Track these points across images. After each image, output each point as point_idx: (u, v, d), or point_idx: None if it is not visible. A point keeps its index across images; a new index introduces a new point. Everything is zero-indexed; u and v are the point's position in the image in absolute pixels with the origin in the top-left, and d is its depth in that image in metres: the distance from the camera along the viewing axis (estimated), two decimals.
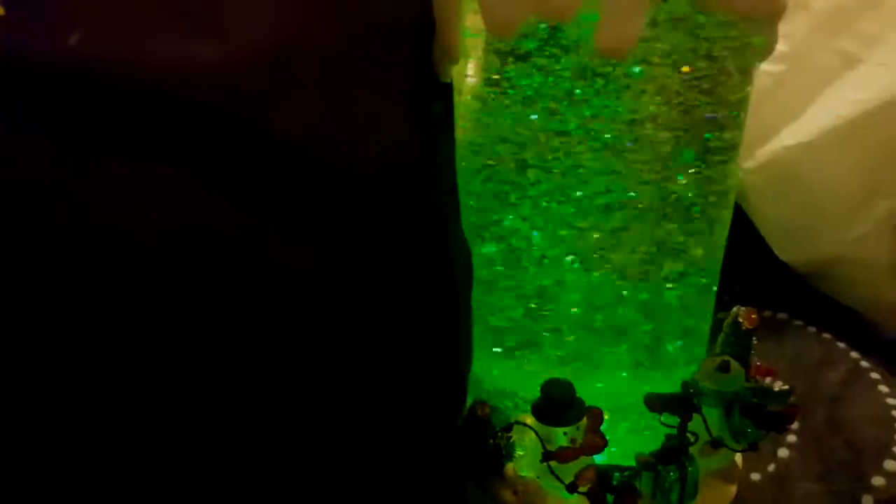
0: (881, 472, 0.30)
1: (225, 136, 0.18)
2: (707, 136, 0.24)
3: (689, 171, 0.24)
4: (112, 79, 0.17)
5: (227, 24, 0.18)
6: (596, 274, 0.26)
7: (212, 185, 0.18)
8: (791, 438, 0.32)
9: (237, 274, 0.18)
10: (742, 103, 0.25)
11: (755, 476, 0.31)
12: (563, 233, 0.25)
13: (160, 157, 0.17)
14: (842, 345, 0.37)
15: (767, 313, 0.40)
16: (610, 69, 0.22)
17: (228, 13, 0.18)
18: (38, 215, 0.16)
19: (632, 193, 0.24)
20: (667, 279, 0.26)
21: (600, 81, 0.23)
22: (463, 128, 0.26)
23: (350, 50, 0.20)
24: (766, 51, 0.24)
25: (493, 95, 0.24)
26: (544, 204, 0.25)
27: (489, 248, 0.27)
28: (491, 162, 0.25)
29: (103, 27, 0.17)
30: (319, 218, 0.20)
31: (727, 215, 0.27)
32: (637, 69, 0.22)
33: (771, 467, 0.31)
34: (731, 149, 0.25)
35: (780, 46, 0.35)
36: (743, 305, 0.28)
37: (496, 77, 0.24)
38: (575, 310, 0.26)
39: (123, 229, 0.17)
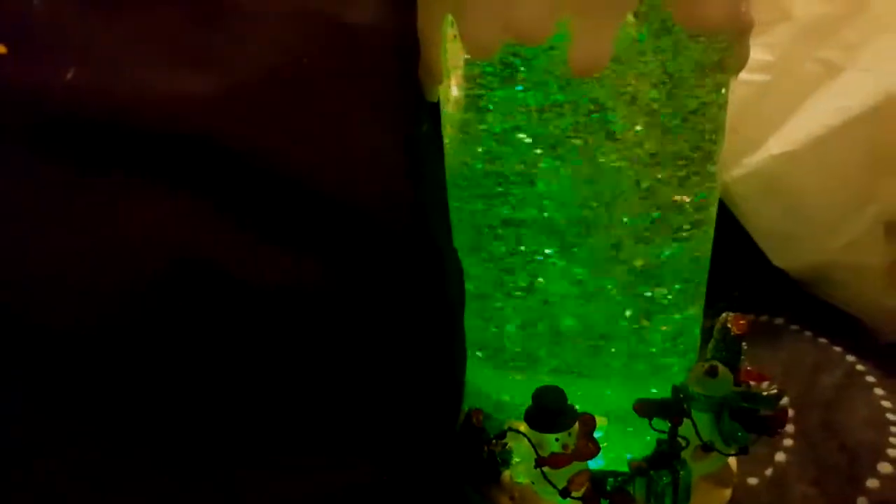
0: (876, 474, 0.30)
1: (223, 165, 0.19)
2: (685, 148, 0.25)
3: (669, 181, 0.25)
4: (109, 113, 0.18)
5: (219, 56, 0.19)
6: (590, 286, 0.26)
7: (212, 211, 0.19)
8: (788, 442, 0.32)
9: (237, 294, 0.19)
10: (719, 116, 0.26)
11: (752, 480, 0.31)
12: (550, 243, 0.26)
13: (162, 185, 0.18)
14: (837, 349, 0.37)
15: (764, 318, 0.40)
16: (584, 84, 0.23)
17: (221, 45, 0.19)
18: (43, 239, 0.17)
19: (611, 204, 0.25)
20: (653, 286, 0.27)
21: (575, 96, 0.24)
22: (450, 144, 0.27)
23: (340, 75, 0.21)
24: (739, 63, 0.25)
25: (475, 112, 0.25)
26: (527, 217, 0.26)
27: (480, 263, 0.27)
28: (476, 175, 0.26)
29: (99, 62, 0.18)
30: (317, 240, 0.21)
31: (710, 224, 0.27)
32: (611, 84, 0.23)
33: (768, 471, 0.32)
34: (710, 159, 0.26)
35: (764, 56, 0.36)
36: (739, 311, 0.28)
37: (477, 94, 0.25)
38: (565, 321, 0.27)
39: (127, 252, 0.18)
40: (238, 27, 0.20)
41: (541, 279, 0.26)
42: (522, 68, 0.24)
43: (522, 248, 0.26)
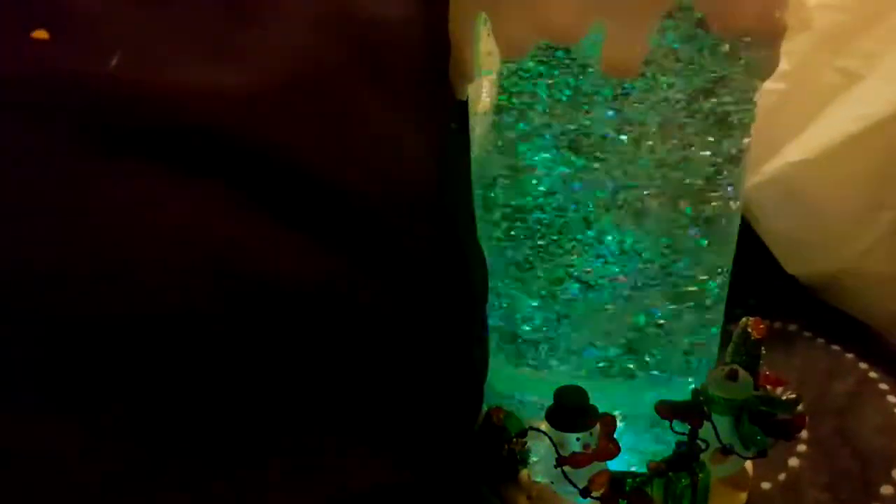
0: (889, 480, 0.30)
1: (253, 161, 0.19)
2: (713, 153, 0.25)
3: (696, 185, 0.25)
4: (148, 104, 0.18)
5: (249, 52, 0.19)
6: (609, 285, 0.26)
7: (244, 205, 0.19)
8: (801, 448, 0.33)
9: (265, 287, 0.19)
10: (747, 120, 0.26)
11: (766, 485, 0.31)
12: (574, 245, 0.26)
13: (197, 177, 0.18)
14: (850, 356, 0.37)
15: (777, 325, 0.40)
16: (616, 87, 0.23)
17: (251, 42, 0.20)
18: (83, 227, 0.17)
19: (639, 206, 0.25)
20: (678, 290, 0.27)
21: (606, 97, 0.24)
22: (478, 143, 0.27)
23: (364, 72, 0.21)
24: (769, 69, 0.25)
25: (506, 111, 0.25)
26: (552, 217, 0.26)
27: (508, 262, 0.27)
28: (504, 178, 0.26)
29: (140, 53, 0.18)
30: (341, 232, 0.21)
31: (734, 229, 0.27)
32: (643, 85, 0.23)
33: (782, 476, 0.32)
34: (737, 163, 0.26)
35: (783, 65, 0.36)
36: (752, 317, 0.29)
37: (510, 94, 0.25)
38: (588, 321, 0.27)
39: (161, 243, 0.18)
40: (274, 25, 0.20)
41: (565, 279, 0.27)
42: (553, 68, 0.24)
43: (547, 247, 0.26)
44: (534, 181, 0.26)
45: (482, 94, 0.26)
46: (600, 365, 0.27)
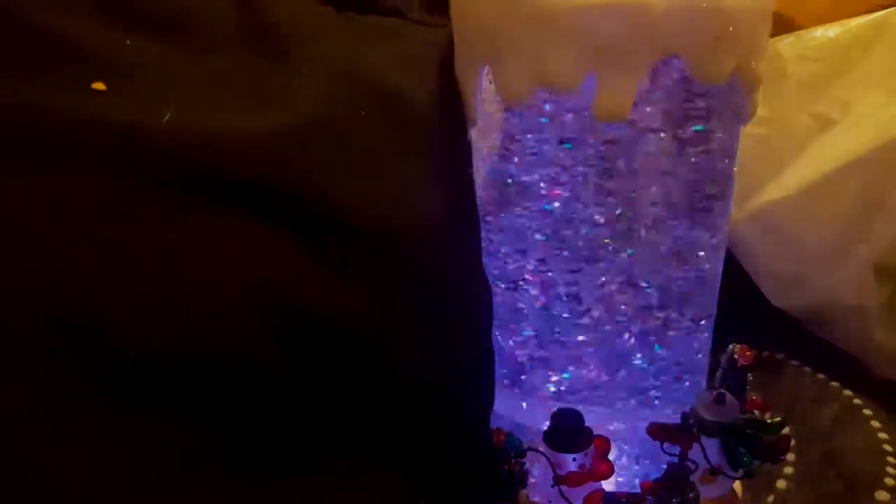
0: (873, 502, 0.32)
1: (287, 199, 0.21)
2: (698, 193, 0.27)
3: (685, 220, 0.27)
4: (198, 152, 0.19)
5: (285, 100, 0.22)
6: (599, 314, 0.28)
7: (283, 241, 0.20)
8: (789, 470, 0.34)
9: (304, 316, 0.21)
10: (730, 162, 0.28)
11: None
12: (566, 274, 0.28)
13: (241, 218, 0.20)
14: (835, 384, 0.39)
15: (766, 354, 0.42)
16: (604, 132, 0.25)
17: (286, 90, 0.22)
18: (140, 267, 0.18)
19: (627, 238, 0.27)
20: (667, 319, 0.29)
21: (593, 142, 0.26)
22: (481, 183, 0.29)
23: (387, 119, 0.23)
24: (749, 114, 0.27)
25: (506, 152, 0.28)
26: (549, 248, 0.28)
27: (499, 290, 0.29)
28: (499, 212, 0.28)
29: (188, 104, 0.20)
30: (369, 270, 0.22)
31: (719, 265, 0.29)
32: (630, 130, 0.26)
33: (770, 498, 0.33)
34: (723, 200, 0.28)
35: (764, 111, 0.39)
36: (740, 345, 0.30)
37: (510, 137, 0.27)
38: (580, 346, 0.29)
39: (212, 280, 0.19)
40: (306, 74, 0.23)
41: (554, 304, 0.28)
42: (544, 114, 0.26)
43: (538, 273, 0.28)
44: (527, 207, 0.27)
45: (485, 138, 0.28)
46: (589, 387, 0.29)
